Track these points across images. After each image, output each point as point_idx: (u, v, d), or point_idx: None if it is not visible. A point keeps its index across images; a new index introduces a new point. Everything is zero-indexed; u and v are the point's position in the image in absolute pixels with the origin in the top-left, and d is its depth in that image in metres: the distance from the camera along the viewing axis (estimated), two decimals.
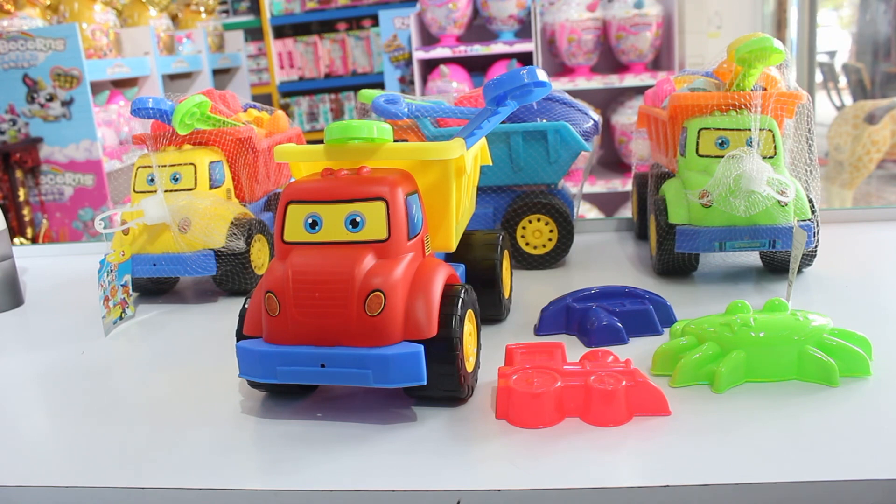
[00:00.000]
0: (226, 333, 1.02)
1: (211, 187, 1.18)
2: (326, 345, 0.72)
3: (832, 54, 6.72)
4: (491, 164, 1.06)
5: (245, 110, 1.40)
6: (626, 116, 3.32)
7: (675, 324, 0.89)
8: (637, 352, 0.88)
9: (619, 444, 0.69)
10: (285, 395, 0.83)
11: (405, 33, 3.68)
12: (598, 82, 3.26)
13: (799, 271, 1.12)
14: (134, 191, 1.18)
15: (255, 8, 4.89)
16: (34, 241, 3.01)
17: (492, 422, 0.75)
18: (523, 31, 3.40)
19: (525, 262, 1.25)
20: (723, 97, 1.09)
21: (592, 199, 3.46)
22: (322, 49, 4.78)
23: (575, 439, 0.70)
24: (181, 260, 1.14)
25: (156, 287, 1.25)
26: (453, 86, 3.28)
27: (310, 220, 0.76)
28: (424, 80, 3.42)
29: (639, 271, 1.21)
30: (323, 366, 0.72)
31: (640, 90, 3.35)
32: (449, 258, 0.97)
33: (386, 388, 0.82)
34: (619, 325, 0.92)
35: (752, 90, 1.08)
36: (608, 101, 3.57)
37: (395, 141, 0.82)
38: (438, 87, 3.29)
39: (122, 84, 3.54)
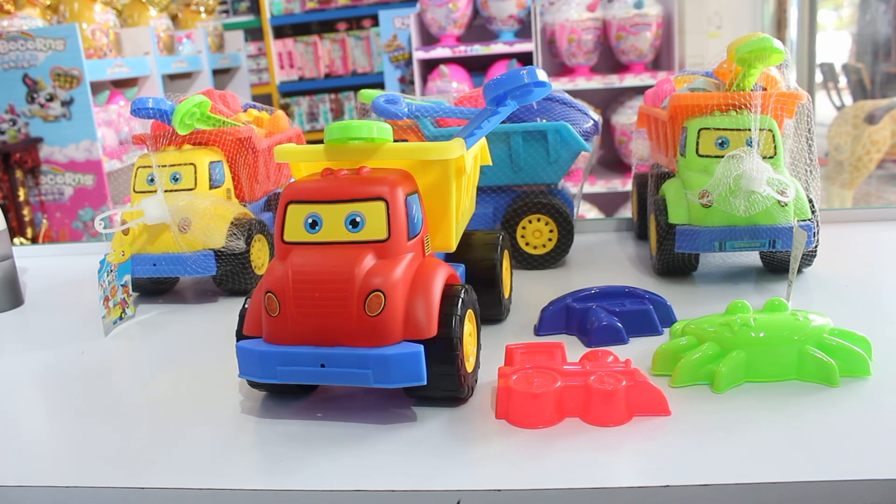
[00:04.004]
0: (226, 333, 1.02)
1: (211, 187, 1.18)
2: (326, 345, 0.72)
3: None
4: (491, 164, 1.06)
5: (245, 110, 1.40)
6: (626, 116, 3.32)
7: (675, 324, 0.89)
8: (637, 352, 0.88)
9: (619, 444, 0.69)
10: (285, 395, 0.83)
11: (405, 33, 3.68)
12: (598, 82, 3.26)
13: (799, 271, 1.12)
14: (134, 191, 1.18)
15: (255, 8, 4.89)
16: (34, 241, 3.01)
17: (492, 422, 0.75)
18: (523, 31, 3.40)
19: (525, 262, 1.25)
20: (723, 97, 1.09)
21: (592, 199, 3.46)
22: (322, 49, 4.78)
23: (575, 439, 0.70)
24: (181, 260, 1.14)
25: (156, 287, 1.25)
26: (453, 86, 3.28)
27: (310, 220, 0.76)
28: (424, 80, 3.42)
29: (639, 271, 1.21)
30: (323, 366, 0.72)
31: (640, 90, 3.35)
32: (449, 258, 0.97)
33: (386, 388, 0.82)
34: (619, 325, 0.92)
35: (752, 90, 1.08)
36: (608, 101, 3.57)
37: (395, 141, 0.82)
38: (438, 87, 3.29)
39: (122, 84, 3.54)
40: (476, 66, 3.50)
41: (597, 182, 3.33)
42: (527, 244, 1.25)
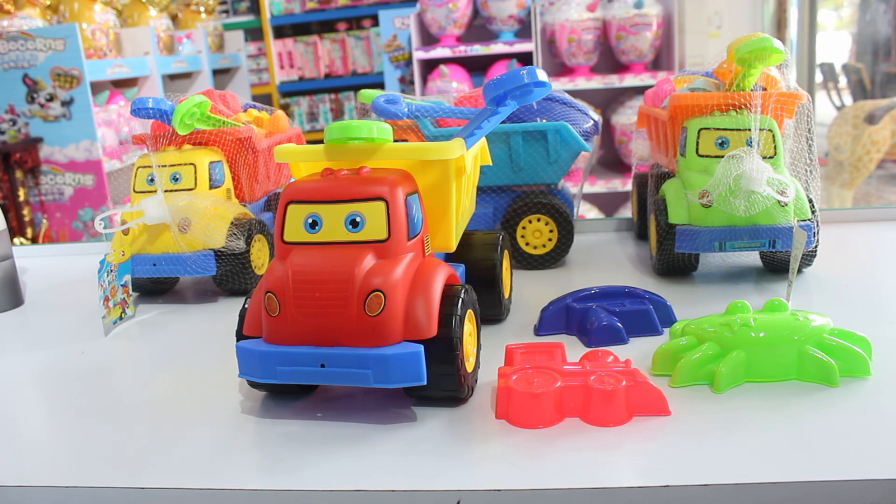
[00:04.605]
0: (226, 333, 1.02)
1: (211, 187, 1.18)
2: (326, 345, 0.72)
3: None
4: (491, 164, 1.06)
5: (245, 110, 1.40)
6: (626, 116, 3.32)
7: (675, 324, 0.89)
8: (637, 352, 0.88)
9: (619, 444, 0.69)
10: (285, 395, 0.83)
11: (405, 33, 3.68)
12: (598, 82, 3.26)
13: (799, 271, 1.12)
14: (134, 191, 1.18)
15: (255, 8, 4.89)
16: (34, 241, 3.01)
17: (492, 422, 0.75)
18: (523, 31, 3.40)
19: (525, 262, 1.25)
20: (723, 97, 1.09)
21: (592, 199, 3.46)
22: (322, 49, 4.78)
23: (575, 439, 0.70)
24: (181, 260, 1.14)
25: (156, 287, 1.25)
26: (453, 86, 3.28)
27: (310, 220, 0.76)
28: (424, 80, 3.42)
29: (639, 271, 1.21)
30: (323, 366, 0.72)
31: (640, 90, 3.35)
32: (449, 258, 0.97)
33: (386, 388, 0.82)
34: (619, 325, 0.92)
35: (752, 90, 1.08)
36: (608, 101, 3.57)
37: (395, 141, 0.82)
38: (438, 87, 3.29)
39: (122, 84, 3.54)
40: (476, 66, 3.50)
41: (597, 182, 3.33)
42: (527, 244, 1.25)
